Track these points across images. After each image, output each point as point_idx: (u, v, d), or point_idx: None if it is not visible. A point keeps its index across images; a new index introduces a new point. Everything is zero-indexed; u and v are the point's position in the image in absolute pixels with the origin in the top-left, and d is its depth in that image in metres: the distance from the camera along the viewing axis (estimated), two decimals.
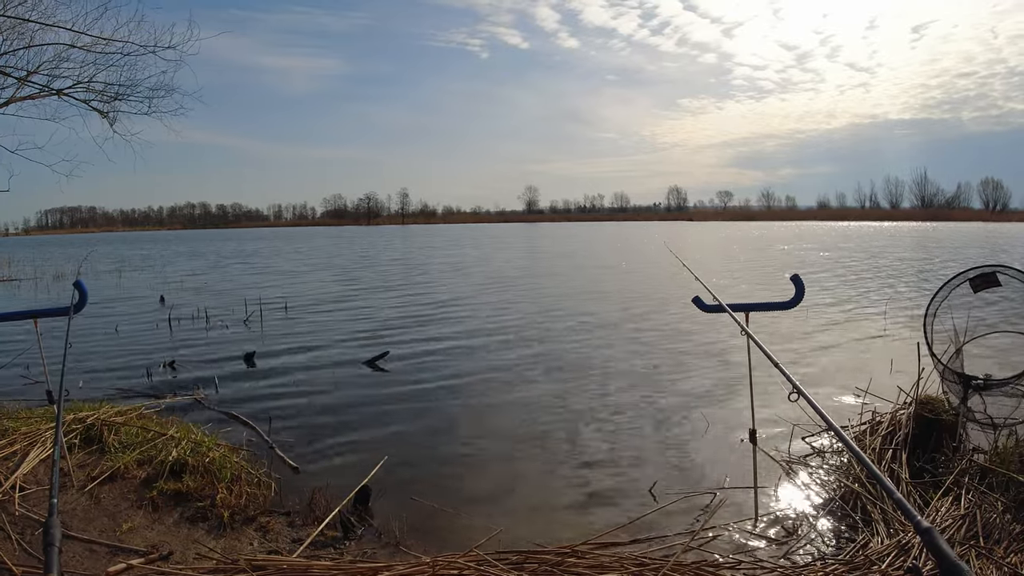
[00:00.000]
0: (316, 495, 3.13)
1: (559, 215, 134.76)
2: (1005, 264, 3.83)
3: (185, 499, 3.02)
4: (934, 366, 3.87)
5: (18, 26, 8.83)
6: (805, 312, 9.02)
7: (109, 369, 6.41)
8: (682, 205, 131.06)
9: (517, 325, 8.77)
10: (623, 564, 2.32)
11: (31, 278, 18.56)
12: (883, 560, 2.33)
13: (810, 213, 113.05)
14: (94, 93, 9.48)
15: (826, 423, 1.64)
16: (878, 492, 2.91)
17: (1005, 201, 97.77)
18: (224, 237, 66.53)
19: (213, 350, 7.32)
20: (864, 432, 3.65)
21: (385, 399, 5.20)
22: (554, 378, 5.79)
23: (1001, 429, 3.49)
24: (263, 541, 2.77)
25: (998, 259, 19.08)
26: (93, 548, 2.62)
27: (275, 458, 3.79)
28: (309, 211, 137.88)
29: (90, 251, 27.83)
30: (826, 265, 18.58)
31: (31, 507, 2.83)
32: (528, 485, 3.51)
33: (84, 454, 3.45)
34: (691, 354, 6.69)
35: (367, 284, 15.21)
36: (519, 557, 2.37)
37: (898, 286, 12.84)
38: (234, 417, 4.61)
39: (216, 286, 15.36)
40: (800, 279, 3.19)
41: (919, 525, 1.25)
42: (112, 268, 22.32)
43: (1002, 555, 2.35)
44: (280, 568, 2.33)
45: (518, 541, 2.68)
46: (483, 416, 4.75)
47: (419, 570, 2.27)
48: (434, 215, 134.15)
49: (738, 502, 3.17)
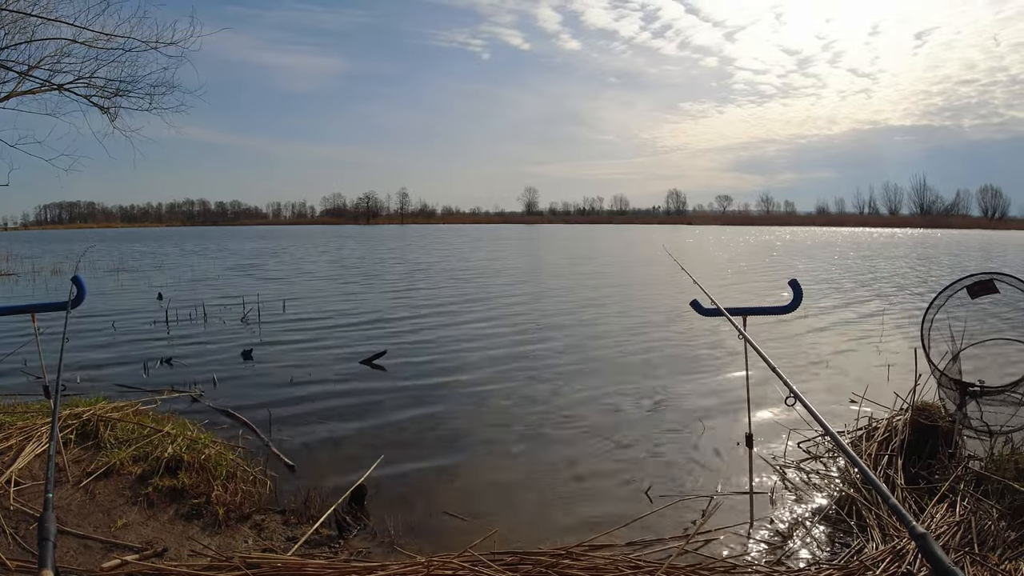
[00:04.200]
0: (311, 493, 3.13)
1: (558, 217, 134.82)
2: (1002, 272, 3.83)
3: (180, 496, 3.02)
4: (931, 373, 3.88)
5: (20, 20, 8.85)
6: (803, 316, 9.03)
7: (106, 364, 6.39)
8: (681, 209, 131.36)
9: (516, 326, 8.77)
10: (618, 566, 2.32)
11: (29, 273, 18.54)
12: (878, 566, 2.33)
13: (809, 219, 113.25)
14: (95, 88, 9.51)
15: (822, 428, 1.64)
16: (873, 498, 2.91)
17: (1004, 209, 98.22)
18: (227, 235, 66.21)
19: (210, 347, 7.31)
20: (860, 438, 3.66)
21: (382, 398, 5.19)
22: (552, 379, 5.79)
23: (997, 436, 3.50)
24: (258, 539, 2.76)
25: (986, 267, 19.13)
26: (88, 544, 2.61)
27: (271, 456, 3.78)
28: (308, 209, 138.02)
29: (88, 247, 27.74)
30: (825, 268, 18.62)
31: (26, 502, 2.82)
32: (524, 486, 3.51)
33: (80, 449, 3.44)
34: (690, 356, 6.69)
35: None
36: (514, 558, 2.37)
37: (895, 291, 12.87)
38: (230, 414, 4.60)
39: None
40: (798, 284, 3.20)
41: (914, 531, 1.25)
42: (113, 266, 22.28)
43: (996, 562, 2.35)
44: (274, 566, 2.32)
45: (513, 542, 2.67)
46: (480, 417, 4.75)
47: (414, 570, 2.26)
48: (433, 215, 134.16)
49: (733, 506, 3.17)
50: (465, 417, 4.74)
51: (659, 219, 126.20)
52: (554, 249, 33.75)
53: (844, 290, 13.30)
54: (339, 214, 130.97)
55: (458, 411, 4.89)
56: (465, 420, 4.67)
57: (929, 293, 11.28)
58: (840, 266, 20.38)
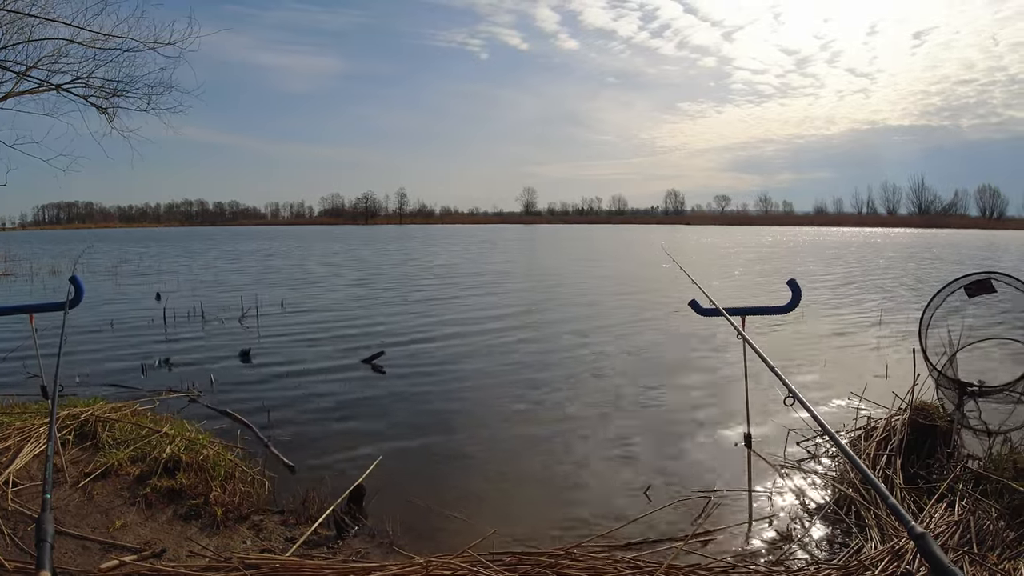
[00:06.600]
0: (310, 494, 3.12)
1: (556, 217, 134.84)
2: (999, 271, 3.84)
3: (179, 496, 3.01)
4: (929, 372, 3.89)
5: (18, 20, 8.84)
6: (801, 316, 9.04)
7: (104, 365, 6.38)
8: (679, 209, 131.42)
9: (516, 325, 8.77)
10: (617, 566, 2.32)
11: (27, 273, 18.50)
12: (876, 565, 2.33)
13: (807, 219, 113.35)
14: (93, 88, 9.49)
15: (821, 428, 1.65)
16: (872, 497, 2.91)
17: (1002, 209, 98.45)
18: (230, 235, 66.06)
19: (209, 347, 7.30)
20: (859, 437, 3.66)
21: (381, 398, 5.19)
22: (551, 379, 5.79)
23: (995, 436, 3.51)
24: (256, 539, 2.76)
25: (981, 265, 19.16)
26: (86, 544, 2.61)
27: (269, 456, 3.78)
28: (307, 210, 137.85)
29: (86, 247, 27.68)
30: (823, 270, 18.63)
31: (24, 503, 2.82)
32: (523, 486, 3.51)
33: (78, 450, 3.43)
34: (689, 356, 6.69)
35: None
36: (513, 558, 2.37)
37: (894, 291, 12.88)
38: (229, 415, 4.59)
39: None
40: (797, 284, 3.20)
41: (913, 531, 1.25)
42: (111, 266, 22.24)
43: (995, 562, 2.36)
44: (273, 567, 2.32)
45: (512, 542, 2.67)
46: (479, 417, 4.75)
47: (412, 570, 2.26)
48: (432, 215, 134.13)
49: (732, 506, 3.17)
50: (464, 417, 4.74)
51: (657, 219, 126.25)
52: (553, 249, 33.75)
53: (844, 288, 13.32)
54: (337, 214, 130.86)
55: (457, 411, 4.89)
56: (464, 420, 4.67)
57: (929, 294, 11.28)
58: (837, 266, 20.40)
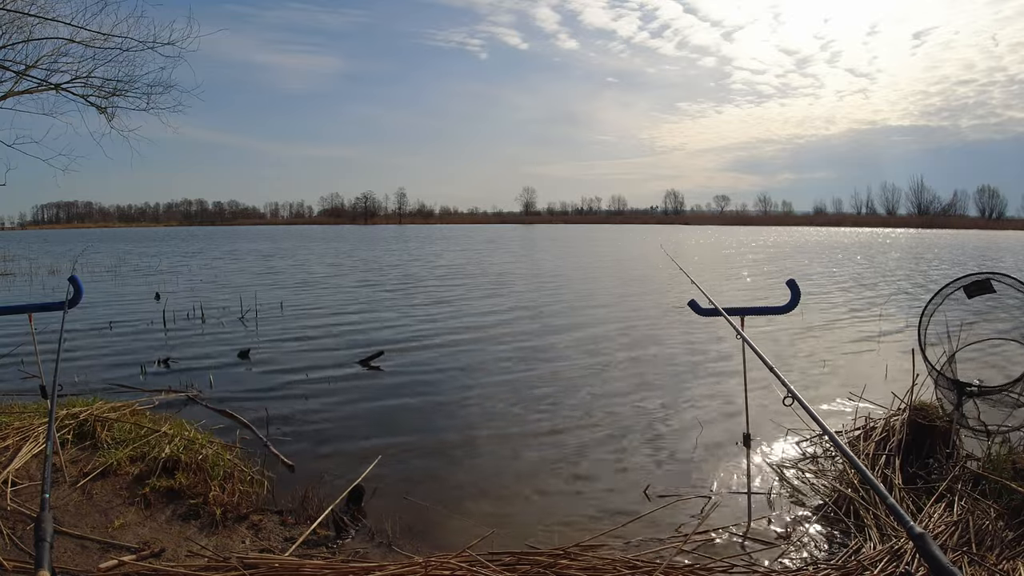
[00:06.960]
0: (309, 494, 3.12)
1: (556, 217, 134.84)
2: (999, 271, 3.84)
3: (178, 496, 3.01)
4: (928, 372, 3.89)
5: (17, 20, 8.81)
6: (801, 317, 9.04)
7: (103, 364, 6.38)
8: (679, 209, 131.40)
9: (516, 326, 8.77)
10: (615, 566, 2.32)
11: (26, 273, 18.48)
12: (875, 565, 2.34)
13: (806, 219, 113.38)
14: (92, 88, 9.45)
15: (820, 428, 1.64)
16: (871, 497, 2.91)
17: (1001, 209, 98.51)
18: (229, 235, 66.00)
19: (208, 347, 7.30)
20: (858, 438, 3.66)
21: (380, 399, 5.19)
22: (550, 379, 5.79)
23: (994, 436, 3.51)
24: (255, 539, 2.76)
25: (976, 266, 19.18)
26: (85, 544, 2.60)
27: (269, 456, 3.78)
28: (306, 209, 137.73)
29: (85, 247, 27.68)
30: (820, 270, 18.64)
31: (23, 502, 2.82)
32: (522, 486, 3.51)
33: (77, 450, 3.43)
34: (689, 356, 6.70)
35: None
36: (512, 558, 2.37)
37: (893, 291, 12.89)
38: (228, 414, 4.59)
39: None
40: (796, 284, 3.20)
41: (912, 531, 1.25)
42: (110, 266, 22.23)
43: (994, 562, 2.36)
44: (272, 567, 2.32)
45: (511, 542, 2.67)
46: (477, 417, 4.75)
47: (411, 570, 2.26)
48: (431, 216, 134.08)
49: (731, 506, 3.17)
50: (463, 417, 4.74)
51: (657, 219, 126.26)
52: (553, 250, 33.73)
53: (843, 288, 13.32)
54: (337, 214, 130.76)
55: (456, 412, 4.89)
56: (463, 420, 4.67)
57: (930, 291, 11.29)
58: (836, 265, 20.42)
